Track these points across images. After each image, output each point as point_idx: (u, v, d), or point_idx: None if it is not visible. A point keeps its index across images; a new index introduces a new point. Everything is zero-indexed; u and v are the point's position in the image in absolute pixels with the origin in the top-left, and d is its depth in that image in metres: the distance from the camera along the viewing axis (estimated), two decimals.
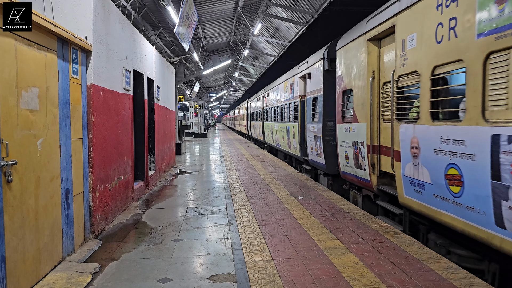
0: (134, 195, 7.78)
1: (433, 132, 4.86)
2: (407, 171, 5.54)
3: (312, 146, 10.86)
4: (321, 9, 14.32)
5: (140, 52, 8.34)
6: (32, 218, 3.84)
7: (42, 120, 4.08)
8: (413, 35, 5.38)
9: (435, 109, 4.93)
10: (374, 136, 6.82)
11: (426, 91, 5.01)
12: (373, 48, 6.89)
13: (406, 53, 5.59)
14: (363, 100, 7.14)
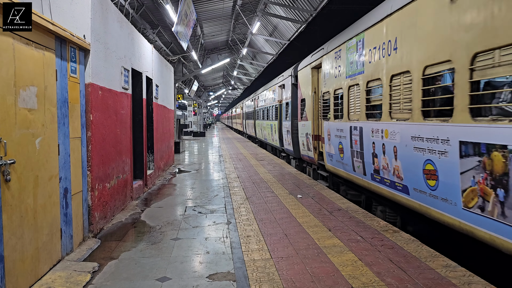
0: (133, 194, 7.77)
1: (334, 125, 8.73)
2: (327, 148, 9.38)
3: (285, 138, 14.73)
4: (320, 7, 14.31)
5: (138, 51, 8.32)
6: (31, 217, 3.83)
7: (40, 119, 4.07)
8: (328, 70, 9.28)
9: (335, 113, 8.71)
10: (315, 129, 10.67)
11: (332, 103, 8.91)
12: (314, 73, 10.74)
13: (325, 80, 9.50)
14: (310, 106, 10.98)
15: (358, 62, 7.37)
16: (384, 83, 6.26)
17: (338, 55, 8.55)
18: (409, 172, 5.57)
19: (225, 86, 50.46)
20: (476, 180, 4.12)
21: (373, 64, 6.73)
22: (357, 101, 7.41)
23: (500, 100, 3.95)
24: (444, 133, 4.65)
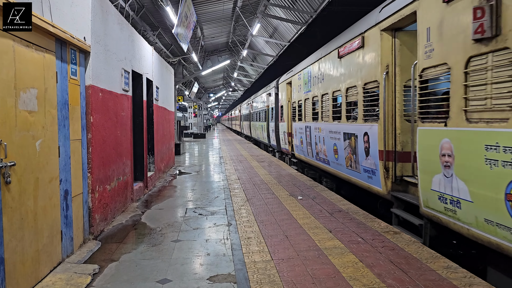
0: (133, 196, 7.77)
1: (298, 125, 12.36)
2: (295, 142, 13.17)
3: (271, 135, 19.04)
4: (320, 9, 14.32)
5: (138, 53, 8.33)
6: (31, 219, 3.83)
7: (40, 121, 4.07)
8: (294, 86, 13.14)
9: (299, 117, 12.28)
10: (289, 128, 14.56)
11: (297, 110, 12.62)
12: (288, 87, 14.75)
13: (293, 93, 13.54)
14: (286, 111, 15.20)
15: (308, 83, 11.44)
16: (319, 99, 10.18)
17: (299, 77, 12.61)
18: (328, 152, 9.40)
19: (225, 88, 50.48)
20: (348, 151, 8.05)
21: (314, 86, 10.71)
22: (308, 109, 11.40)
23: (353, 113, 7.94)
24: (338, 128, 8.62)
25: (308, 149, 11.35)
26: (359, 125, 7.46)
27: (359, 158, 7.48)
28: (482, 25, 4.02)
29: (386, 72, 6.39)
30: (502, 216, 3.76)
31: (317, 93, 10.27)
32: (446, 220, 4.77)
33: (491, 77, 3.99)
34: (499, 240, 3.84)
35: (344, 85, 8.22)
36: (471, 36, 4.17)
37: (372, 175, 6.99)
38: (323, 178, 11.03)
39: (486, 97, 4.07)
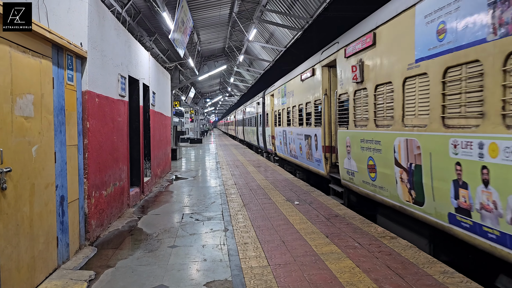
0: (129, 201, 7.74)
1: (278, 129, 15.68)
2: (277, 143, 16.24)
3: (260, 138, 22.38)
4: (316, 14, 14.41)
5: (135, 58, 8.34)
6: (27, 225, 3.81)
7: (37, 127, 4.06)
8: (276, 98, 16.39)
9: (279, 122, 15.38)
10: (272, 131, 17.28)
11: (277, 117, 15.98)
12: (272, 98, 17.65)
13: (275, 103, 16.78)
14: (270, 118, 18.08)
15: (284, 97, 14.45)
16: (291, 110, 13.32)
17: (279, 91, 15.76)
18: (297, 149, 12.33)
19: (222, 93, 50.51)
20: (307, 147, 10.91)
21: (288, 99, 13.76)
22: (284, 117, 14.55)
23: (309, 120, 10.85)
24: (301, 131, 11.67)
25: (285, 148, 14.58)
26: (312, 129, 10.61)
27: (312, 152, 10.60)
28: (356, 74, 7.21)
29: (325, 94, 9.55)
30: (367, 178, 6.92)
31: (290, 105, 13.53)
32: (350, 185, 7.85)
33: (362, 103, 7.15)
34: (367, 191, 6.99)
35: (304, 100, 11.43)
36: (352, 78, 7.41)
37: (319, 163, 10.07)
38: (297, 171, 13.76)
39: (361, 113, 7.18)
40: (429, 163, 4.97)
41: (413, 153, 5.32)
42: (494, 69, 3.89)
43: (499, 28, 3.83)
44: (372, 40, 6.59)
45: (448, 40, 4.60)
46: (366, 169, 6.88)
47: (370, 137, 6.70)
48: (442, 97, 4.73)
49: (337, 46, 8.49)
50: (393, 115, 5.91)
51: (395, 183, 5.87)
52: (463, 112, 4.43)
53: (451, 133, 4.52)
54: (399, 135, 5.72)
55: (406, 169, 5.53)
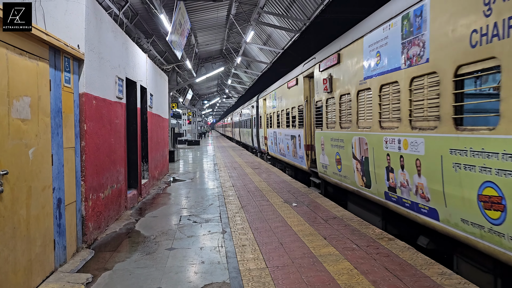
0: (127, 204, 7.72)
1: (270, 130, 17.45)
2: (269, 143, 18.03)
3: (254, 139, 24.11)
4: (313, 16, 14.43)
5: (132, 60, 8.33)
6: (24, 228, 3.79)
7: (34, 129, 4.05)
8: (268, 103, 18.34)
9: (270, 124, 17.29)
10: (265, 133, 19.04)
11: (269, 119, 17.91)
12: (264, 102, 19.46)
13: (267, 107, 18.81)
14: (263, 120, 19.64)
15: (274, 102, 16.23)
16: (280, 113, 14.94)
17: (270, 96, 17.57)
18: (285, 148, 13.95)
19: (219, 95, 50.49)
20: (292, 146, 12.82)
21: (278, 104, 15.42)
22: (274, 119, 16.19)
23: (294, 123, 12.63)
24: (288, 132, 13.29)
25: (276, 148, 16.32)
26: (296, 130, 12.29)
27: (297, 150, 12.25)
28: (326, 86, 8.78)
29: (306, 100, 11.29)
30: (336, 169, 8.43)
31: (279, 109, 15.26)
32: (325, 176, 9.39)
33: (331, 109, 8.74)
34: (336, 180, 8.49)
35: (290, 105, 13.20)
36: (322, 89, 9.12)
37: (302, 159, 11.75)
38: (287, 168, 15.37)
39: (331, 117, 8.76)
40: (373, 155, 6.54)
41: (363, 148, 6.92)
42: (405, 88, 5.47)
43: (406, 61, 5.45)
44: (337, 59, 8.20)
45: (381, 65, 6.22)
46: (335, 162, 8.53)
47: (336, 137, 8.37)
48: (378, 106, 6.32)
49: (314, 61, 10.16)
50: (351, 119, 7.49)
51: (353, 172, 7.41)
52: (390, 118, 6.01)
53: (384, 132, 6.12)
54: (355, 134, 7.31)
55: (360, 160, 7.12)
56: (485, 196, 3.98)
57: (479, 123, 4.56)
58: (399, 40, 5.64)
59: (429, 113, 5.01)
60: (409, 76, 5.36)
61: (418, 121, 5.25)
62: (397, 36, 5.70)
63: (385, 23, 6.06)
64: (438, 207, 4.80)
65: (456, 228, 4.47)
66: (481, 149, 4.00)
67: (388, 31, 5.97)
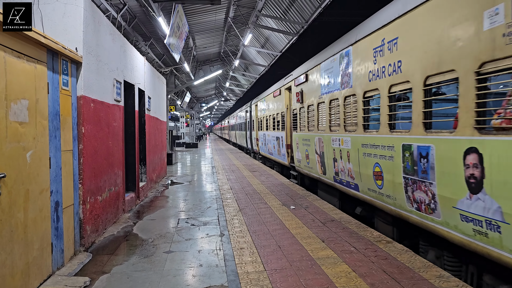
0: (125, 207, 7.70)
1: (261, 133, 19.62)
2: (260, 144, 20.13)
3: (248, 141, 26.12)
4: (311, 19, 14.47)
5: (130, 63, 8.33)
6: (21, 231, 3.78)
7: (31, 132, 4.04)
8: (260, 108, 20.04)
9: (260, 127, 19.92)
10: (257, 135, 21.15)
11: (260, 123, 20.30)
12: (256, 108, 21.52)
13: (258, 112, 20.77)
14: (255, 123, 21.84)
15: (264, 108, 18.35)
16: (268, 118, 17.10)
17: (260, 103, 19.80)
18: (272, 148, 16.03)
19: (217, 98, 50.51)
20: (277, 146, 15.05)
21: (266, 110, 17.54)
22: (264, 123, 18.42)
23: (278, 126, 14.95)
24: (274, 134, 15.48)
25: (265, 148, 18.37)
26: (280, 132, 14.50)
27: (281, 149, 14.50)
28: (299, 98, 11.03)
29: (287, 108, 13.52)
30: (305, 163, 10.59)
31: (267, 114, 17.50)
32: (299, 169, 11.61)
33: (302, 116, 10.86)
34: (307, 171, 10.61)
35: (275, 111, 15.51)
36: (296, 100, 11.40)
37: (284, 156, 13.98)
38: (275, 165, 17.32)
39: (302, 122, 10.82)
40: (325, 150, 8.79)
41: (321, 145, 9.12)
42: (341, 103, 7.67)
43: (342, 85, 7.72)
44: (305, 78, 10.59)
45: (329, 86, 8.51)
46: (305, 158, 10.72)
47: (305, 137, 10.55)
48: (329, 115, 8.58)
49: (291, 77, 12.48)
50: (314, 124, 9.76)
51: (316, 163, 9.64)
52: (334, 124, 8.30)
53: (332, 134, 8.37)
54: (316, 135, 9.55)
55: (319, 154, 9.31)
56: (375, 171, 6.29)
57: (373, 127, 6.54)
58: (338, 70, 7.92)
59: (353, 121, 7.21)
60: (343, 95, 7.63)
61: (347, 126, 7.50)
62: (337, 67, 7.99)
63: (332, 56, 8.33)
64: (358, 182, 7.03)
65: (366, 195, 6.77)
66: (373, 143, 6.30)
67: (333, 63, 8.24)
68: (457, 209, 4.30)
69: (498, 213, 3.70)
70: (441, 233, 4.65)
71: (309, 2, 13.74)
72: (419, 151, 4.97)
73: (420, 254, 5.52)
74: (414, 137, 5.11)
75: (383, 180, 6.00)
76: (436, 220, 4.71)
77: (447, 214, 4.49)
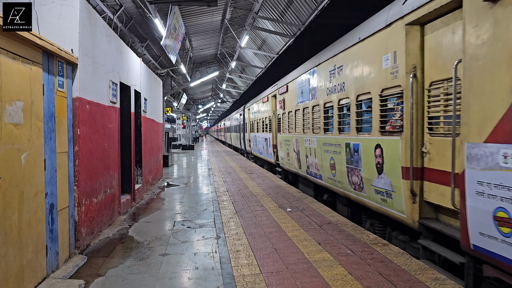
0: (120, 209, 7.67)
1: (253, 134, 21.45)
2: (252, 145, 22.09)
3: (241, 142, 27.86)
4: (308, 21, 14.50)
5: (126, 65, 8.31)
6: (16, 234, 3.75)
7: (26, 134, 4.01)
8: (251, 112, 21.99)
9: (252, 129, 21.87)
10: (249, 136, 23.20)
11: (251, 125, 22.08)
12: (248, 111, 23.37)
13: (250, 115, 22.70)
14: (248, 126, 23.84)
15: (255, 111, 20.20)
16: (259, 121, 19.01)
17: (252, 107, 21.51)
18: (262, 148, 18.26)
19: (214, 99, 50.48)
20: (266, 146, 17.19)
21: (257, 114, 19.62)
22: (254, 125, 20.50)
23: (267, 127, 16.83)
24: (264, 135, 17.57)
25: (256, 148, 20.35)
26: (268, 134, 16.34)
27: (268, 149, 16.43)
28: (281, 105, 13.25)
29: (273, 113, 15.15)
30: (287, 160, 12.79)
31: (258, 117, 19.41)
32: (282, 165, 13.79)
33: (284, 120, 13.05)
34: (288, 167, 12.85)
35: (264, 115, 17.42)
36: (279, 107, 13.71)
37: (271, 155, 15.95)
38: (264, 165, 19.27)
39: (285, 125, 12.95)
40: (300, 148, 10.73)
41: (297, 144, 11.07)
42: (311, 111, 9.65)
43: (311, 97, 9.64)
44: (286, 89, 12.56)
45: (303, 96, 10.52)
46: (286, 155, 12.72)
47: (287, 138, 12.59)
48: (302, 120, 10.59)
49: (277, 87, 14.54)
50: (293, 127, 11.75)
51: (294, 160, 11.55)
52: (306, 127, 10.24)
53: (304, 135, 10.34)
54: (294, 136, 11.53)
55: (296, 152, 11.23)
56: (331, 163, 8.23)
57: (329, 130, 8.55)
58: (309, 84, 9.94)
59: (318, 125, 9.22)
60: (312, 104, 9.66)
61: (315, 129, 9.53)
62: (308, 82, 10.00)
63: (305, 73, 10.28)
64: (322, 173, 8.97)
65: (327, 182, 8.68)
66: (329, 142, 8.28)
67: (305, 78, 10.25)
68: (373, 186, 6.35)
69: (390, 186, 5.78)
70: (367, 204, 6.70)
71: (306, 4, 13.77)
72: (354, 147, 7.04)
73: (362, 225, 7.44)
74: (351, 137, 7.16)
75: (335, 170, 8.01)
76: (363, 195, 6.77)
77: (368, 190, 6.54)
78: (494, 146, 3.64)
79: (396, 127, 5.64)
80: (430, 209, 5.13)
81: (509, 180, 3.47)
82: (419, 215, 5.13)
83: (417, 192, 5.14)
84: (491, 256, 3.71)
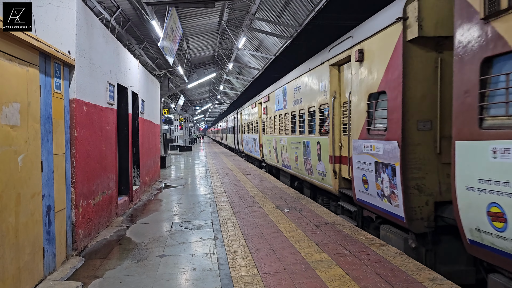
0: (118, 210, 7.66)
1: (245, 135, 24.48)
2: (244, 144, 25.09)
3: (236, 143, 30.26)
4: (305, 23, 14.52)
5: (124, 66, 8.30)
6: (12, 236, 3.74)
7: (23, 135, 4.01)
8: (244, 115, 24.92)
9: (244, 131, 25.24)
10: (242, 137, 26.24)
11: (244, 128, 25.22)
12: (241, 115, 26.64)
13: (242, 119, 25.74)
14: (241, 128, 26.56)
15: (246, 115, 23.32)
16: (249, 123, 22.02)
17: (244, 112, 24.57)
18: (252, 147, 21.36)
19: (211, 101, 50.47)
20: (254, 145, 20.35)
21: (247, 118, 23.05)
22: (247, 128, 23.25)
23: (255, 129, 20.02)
24: (252, 136, 21.01)
25: (247, 147, 23.08)
26: (256, 135, 19.00)
27: (256, 147, 19.05)
28: (265, 111, 16.39)
29: (259, 117, 18.07)
30: (269, 156, 15.95)
31: (248, 120, 22.24)
32: (267, 161, 16.64)
33: (267, 123, 16.13)
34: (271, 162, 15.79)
35: (253, 119, 20.07)
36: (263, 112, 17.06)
37: (258, 153, 18.58)
38: (254, 162, 21.50)
39: (269, 127, 15.76)
40: (277, 146, 13.46)
41: (276, 143, 13.68)
42: (283, 118, 12.66)
43: (284, 106, 12.51)
44: (268, 98, 15.37)
45: (278, 105, 13.36)
46: (268, 152, 15.63)
47: (269, 138, 15.30)
48: (278, 124, 13.37)
49: (262, 95, 17.11)
50: (273, 129, 14.27)
51: (274, 156, 14.14)
52: (281, 129, 12.95)
53: (280, 136, 13.12)
54: (273, 136, 14.14)
55: (275, 149, 13.85)
56: (295, 156, 10.93)
57: (294, 132, 10.98)
58: (282, 97, 12.79)
59: (288, 128, 11.82)
60: (284, 112, 12.35)
61: (286, 131, 12.08)
62: (281, 95, 12.83)
63: (280, 87, 13.14)
64: (291, 164, 11.69)
65: (294, 171, 11.45)
66: (294, 141, 11.03)
67: (281, 92, 12.90)
68: (317, 169, 9.10)
69: (324, 168, 8.57)
70: (315, 183, 9.51)
71: (303, 6, 13.80)
72: (307, 144, 9.85)
73: (318, 201, 9.90)
74: (305, 137, 10.07)
75: (298, 161, 10.81)
76: (312, 177, 9.59)
77: (315, 173, 9.28)
78: (361, 141, 6.53)
79: (326, 130, 8.44)
80: (345, 182, 7.91)
81: (366, 159, 6.36)
82: (338, 186, 7.97)
83: (337, 171, 7.98)
84: (366, 204, 6.52)
